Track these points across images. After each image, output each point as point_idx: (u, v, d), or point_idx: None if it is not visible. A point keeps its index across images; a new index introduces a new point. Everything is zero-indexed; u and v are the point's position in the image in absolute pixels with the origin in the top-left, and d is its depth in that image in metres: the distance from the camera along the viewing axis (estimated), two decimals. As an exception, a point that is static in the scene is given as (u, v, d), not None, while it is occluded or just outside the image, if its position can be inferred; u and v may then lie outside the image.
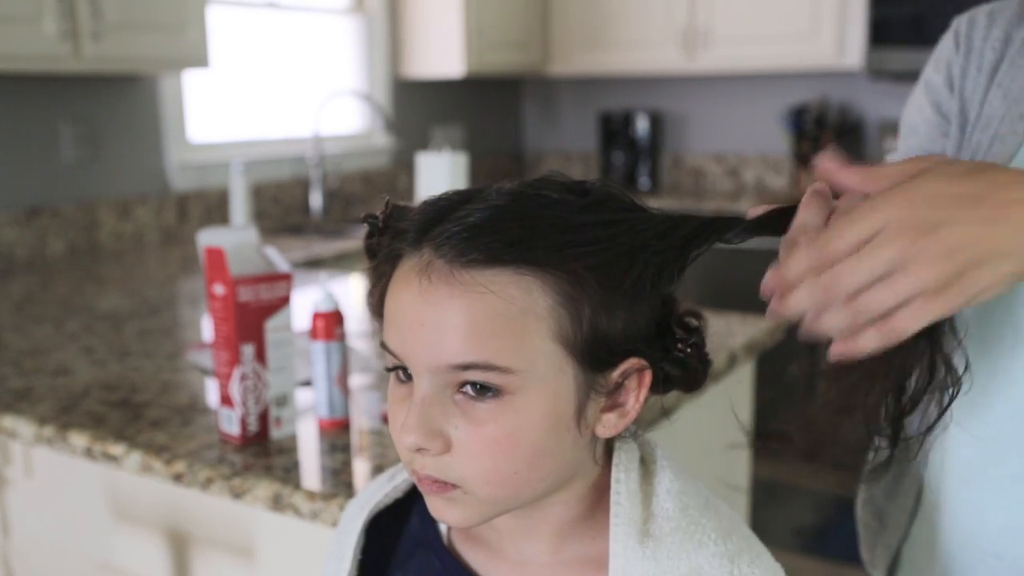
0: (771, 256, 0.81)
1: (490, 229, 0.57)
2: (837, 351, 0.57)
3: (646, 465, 0.66)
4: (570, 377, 0.59)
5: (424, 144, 3.95)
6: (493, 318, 0.56)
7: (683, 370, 0.64)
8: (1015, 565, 0.80)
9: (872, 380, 0.61)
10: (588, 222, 0.59)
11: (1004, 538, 0.80)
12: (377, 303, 0.63)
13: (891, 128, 3.63)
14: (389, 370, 0.62)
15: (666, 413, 0.74)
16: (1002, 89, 0.84)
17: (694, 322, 0.65)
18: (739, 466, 1.78)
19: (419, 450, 0.59)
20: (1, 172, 2.55)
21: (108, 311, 1.96)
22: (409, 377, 0.60)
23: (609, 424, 0.62)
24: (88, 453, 1.22)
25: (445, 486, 0.59)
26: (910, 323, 0.55)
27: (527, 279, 0.56)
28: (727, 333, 1.62)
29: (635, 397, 0.62)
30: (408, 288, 0.58)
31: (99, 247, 2.78)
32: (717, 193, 4.04)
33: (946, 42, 0.91)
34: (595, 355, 0.59)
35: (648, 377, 0.62)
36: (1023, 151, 0.80)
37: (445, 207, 0.59)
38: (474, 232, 0.57)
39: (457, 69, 3.67)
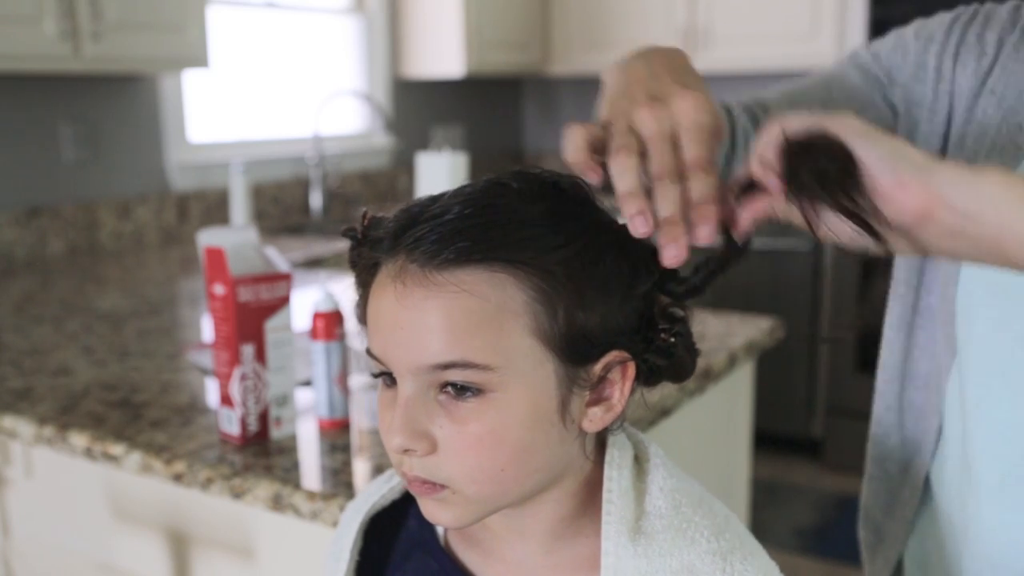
0: (769, 257, 0.81)
1: (460, 229, 0.57)
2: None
3: (640, 463, 0.66)
4: (550, 372, 0.59)
5: (424, 144, 3.95)
6: (469, 317, 0.56)
7: (669, 360, 0.63)
8: None
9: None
10: (557, 218, 0.59)
11: None
12: (362, 313, 0.63)
13: (891, 128, 3.63)
14: (375, 376, 0.63)
15: (666, 413, 0.74)
16: (995, 96, 0.83)
17: (679, 312, 0.65)
18: (739, 466, 1.78)
19: (406, 451, 0.59)
20: (1, 172, 2.55)
21: (108, 311, 1.96)
22: (395, 382, 0.60)
23: (595, 418, 0.62)
24: (88, 453, 1.22)
25: (434, 487, 0.60)
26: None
27: (500, 276, 0.57)
28: (727, 333, 1.62)
29: (620, 390, 0.62)
30: (385, 294, 0.59)
31: (99, 247, 2.78)
32: (717, 193, 4.03)
33: (938, 27, 0.89)
34: (574, 349, 0.59)
35: (631, 369, 0.62)
36: (1020, 168, 0.79)
37: (418, 212, 0.60)
38: (444, 233, 0.57)
39: (457, 69, 3.67)
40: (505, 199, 0.60)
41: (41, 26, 2.22)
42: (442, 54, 3.69)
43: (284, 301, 1.17)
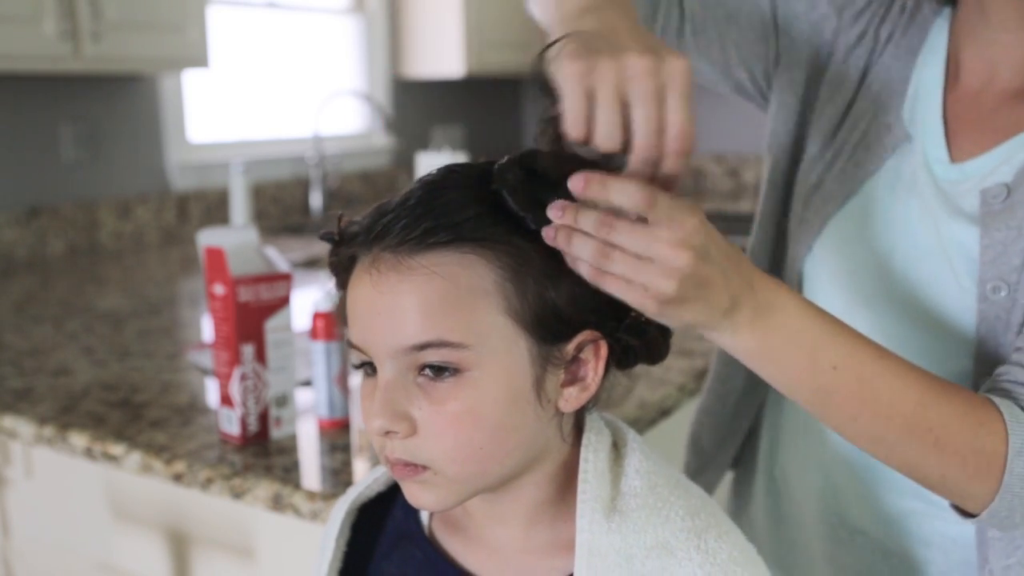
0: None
1: (422, 212, 0.59)
2: (582, 267, 0.60)
3: (617, 448, 0.67)
4: (524, 350, 0.60)
5: (424, 144, 3.95)
6: (442, 297, 0.58)
7: (641, 339, 0.65)
8: (878, 539, 0.84)
9: None
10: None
11: (860, 512, 0.85)
12: (343, 310, 0.65)
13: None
14: (357, 367, 0.64)
15: (666, 412, 0.75)
16: (871, 92, 0.85)
17: None
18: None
19: (387, 434, 0.61)
20: (1, 172, 2.55)
21: (108, 311, 1.96)
22: (376, 371, 0.62)
23: (571, 398, 0.63)
24: (88, 453, 1.22)
25: (415, 468, 0.61)
26: (627, 298, 0.60)
27: (470, 257, 0.59)
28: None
29: (593, 370, 0.63)
30: (361, 283, 0.61)
31: (99, 247, 2.78)
32: (717, 193, 4.03)
33: (849, 4, 0.89)
34: (546, 326, 0.61)
35: (604, 349, 0.63)
36: (885, 168, 0.82)
37: (387, 205, 0.62)
38: (412, 219, 0.59)
39: (457, 69, 3.67)
40: (466, 180, 0.62)
41: (41, 26, 2.22)
42: (442, 54, 3.69)
43: (284, 301, 1.17)
